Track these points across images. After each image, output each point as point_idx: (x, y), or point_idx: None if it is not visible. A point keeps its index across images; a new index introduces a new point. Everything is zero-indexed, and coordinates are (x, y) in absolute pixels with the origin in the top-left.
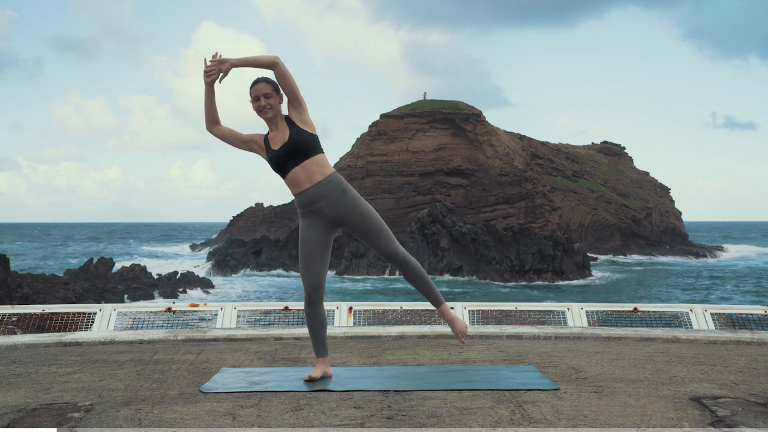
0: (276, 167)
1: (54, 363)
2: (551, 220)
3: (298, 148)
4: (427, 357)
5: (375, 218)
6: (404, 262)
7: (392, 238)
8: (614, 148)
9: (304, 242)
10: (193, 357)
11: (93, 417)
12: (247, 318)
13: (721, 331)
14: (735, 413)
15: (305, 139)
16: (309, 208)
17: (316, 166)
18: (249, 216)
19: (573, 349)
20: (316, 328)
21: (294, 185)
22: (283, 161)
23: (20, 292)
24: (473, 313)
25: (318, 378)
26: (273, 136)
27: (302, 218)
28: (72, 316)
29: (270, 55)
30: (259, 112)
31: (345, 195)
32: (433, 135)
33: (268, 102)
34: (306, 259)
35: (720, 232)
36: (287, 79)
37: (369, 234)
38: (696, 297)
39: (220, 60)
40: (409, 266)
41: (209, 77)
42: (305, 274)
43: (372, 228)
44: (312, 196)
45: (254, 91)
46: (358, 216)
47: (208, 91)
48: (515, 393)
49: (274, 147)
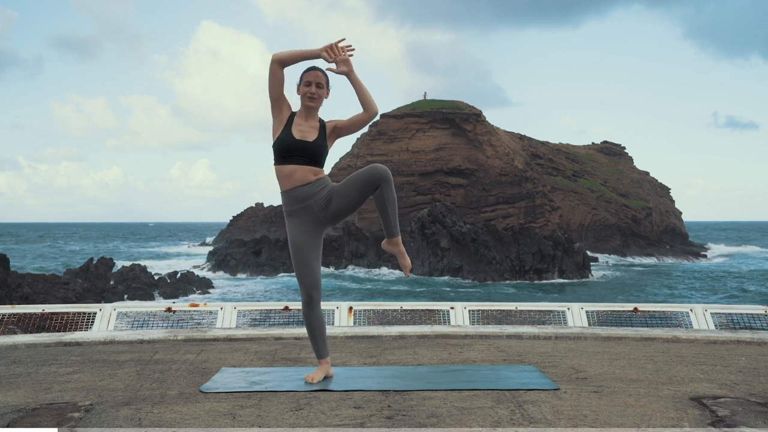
0: (283, 151)
1: (54, 363)
2: (551, 220)
3: (315, 156)
4: (427, 357)
5: (350, 176)
6: (387, 183)
7: (369, 172)
8: (614, 147)
9: (297, 243)
10: (193, 357)
11: (93, 417)
12: (247, 318)
13: (721, 331)
14: (735, 413)
15: (323, 153)
16: (299, 204)
17: (314, 173)
18: (249, 216)
19: (573, 349)
20: (317, 329)
21: (288, 180)
22: (294, 153)
23: (20, 292)
24: (473, 313)
25: (320, 380)
26: (299, 123)
27: (290, 217)
28: (72, 316)
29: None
30: (306, 97)
31: (328, 187)
32: (433, 135)
33: (319, 92)
34: (302, 260)
35: (722, 233)
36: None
37: (350, 186)
38: (696, 297)
39: (346, 60)
40: (388, 187)
41: (331, 58)
42: (303, 274)
43: (351, 181)
44: (303, 194)
45: (310, 76)
46: (338, 188)
47: (310, 55)
48: (515, 393)
49: (295, 134)
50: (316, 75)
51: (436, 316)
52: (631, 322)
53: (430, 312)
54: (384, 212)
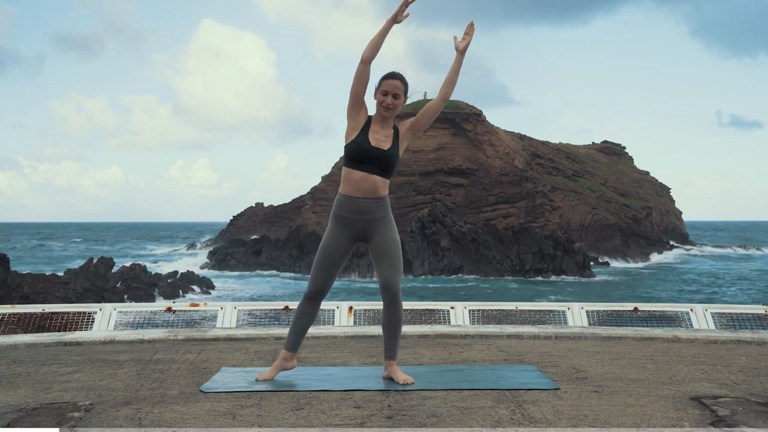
0: (357, 156)
1: (54, 363)
2: (551, 220)
3: (387, 165)
4: (427, 357)
5: (398, 248)
6: (394, 302)
7: (400, 274)
8: (614, 147)
9: (329, 245)
10: (193, 357)
11: (93, 416)
12: (247, 317)
13: (721, 331)
14: (735, 413)
15: (395, 163)
16: (350, 215)
17: (382, 187)
18: (249, 215)
19: (573, 349)
20: (303, 323)
21: (355, 186)
22: (367, 160)
23: (20, 292)
24: (473, 312)
25: (273, 377)
26: (375, 129)
27: (335, 221)
28: (72, 316)
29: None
30: (382, 106)
31: (386, 217)
32: (433, 134)
33: (395, 102)
34: (325, 263)
35: (724, 233)
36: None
37: (385, 258)
38: (696, 297)
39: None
40: (395, 308)
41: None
42: (319, 273)
43: (391, 255)
44: (362, 207)
45: (388, 86)
46: (385, 238)
47: (388, 28)
48: (515, 392)
49: (371, 140)
50: (395, 85)
51: (436, 315)
52: (631, 322)
53: (430, 312)
54: (386, 333)
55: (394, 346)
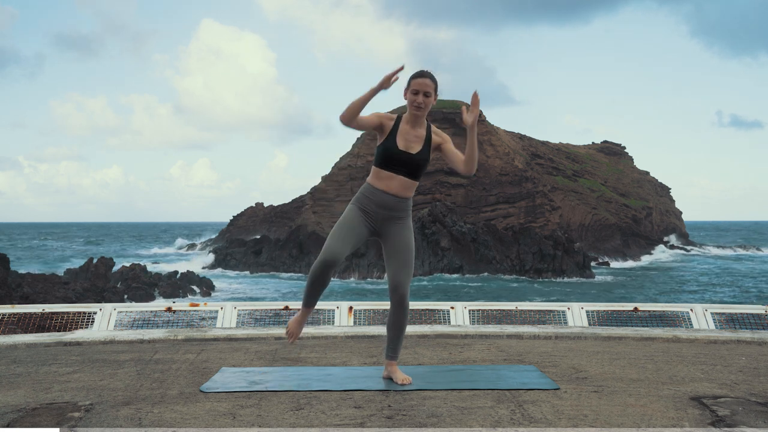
0: (385, 159)
1: (54, 363)
2: (551, 220)
3: (415, 169)
4: (427, 357)
5: (411, 252)
6: (401, 304)
7: (410, 278)
8: (614, 147)
9: (347, 222)
10: (193, 357)
11: (93, 416)
12: (247, 317)
13: (721, 331)
14: (735, 413)
15: (424, 166)
16: (373, 207)
17: (409, 188)
18: (249, 215)
19: (573, 349)
20: (318, 287)
21: (383, 182)
22: (395, 163)
23: (20, 292)
24: (473, 312)
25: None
26: (405, 131)
27: (357, 206)
28: (72, 316)
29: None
30: (413, 106)
31: (405, 219)
32: None
33: (426, 101)
34: (341, 233)
35: (724, 233)
36: None
37: (398, 259)
38: (696, 296)
39: (475, 116)
40: (401, 309)
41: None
42: (334, 241)
43: (403, 257)
44: (388, 203)
45: (418, 84)
46: (401, 239)
47: (372, 95)
48: (515, 392)
49: (399, 143)
50: (425, 84)
51: (436, 315)
52: (631, 322)
53: (430, 312)
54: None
55: (396, 347)
